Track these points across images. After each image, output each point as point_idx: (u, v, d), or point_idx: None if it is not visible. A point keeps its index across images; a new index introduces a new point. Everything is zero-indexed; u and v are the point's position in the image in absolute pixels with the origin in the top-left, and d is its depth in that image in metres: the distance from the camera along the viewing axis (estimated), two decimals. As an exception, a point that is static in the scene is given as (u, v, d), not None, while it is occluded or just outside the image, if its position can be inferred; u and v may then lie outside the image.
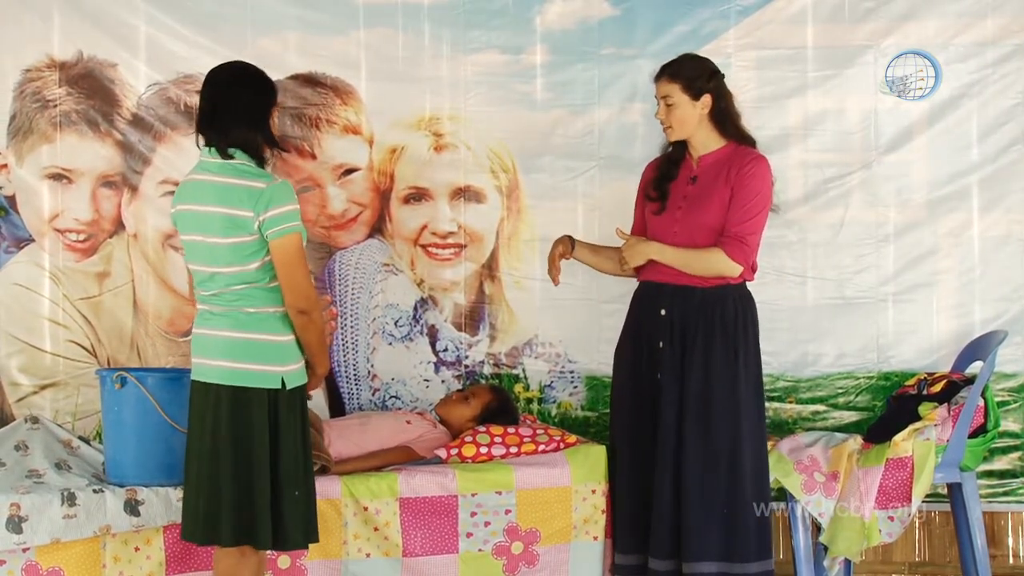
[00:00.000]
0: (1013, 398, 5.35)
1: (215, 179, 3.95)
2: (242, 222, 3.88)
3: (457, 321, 5.51)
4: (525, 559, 4.56)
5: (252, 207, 3.88)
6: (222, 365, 3.93)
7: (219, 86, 4.04)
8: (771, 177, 4.51)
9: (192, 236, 4.00)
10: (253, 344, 3.94)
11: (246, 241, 3.90)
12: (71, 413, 5.37)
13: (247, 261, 3.92)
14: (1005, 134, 5.38)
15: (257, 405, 3.90)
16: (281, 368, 3.95)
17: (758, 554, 4.46)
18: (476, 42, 5.48)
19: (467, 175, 5.48)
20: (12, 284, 5.41)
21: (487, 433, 4.76)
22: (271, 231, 3.89)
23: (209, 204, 3.94)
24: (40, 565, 4.16)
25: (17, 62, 5.42)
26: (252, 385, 3.91)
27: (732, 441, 4.43)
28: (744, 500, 4.44)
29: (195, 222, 3.98)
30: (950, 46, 5.39)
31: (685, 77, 4.49)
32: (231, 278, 3.93)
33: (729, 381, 4.45)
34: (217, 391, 3.92)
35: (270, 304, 3.96)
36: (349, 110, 5.48)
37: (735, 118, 4.57)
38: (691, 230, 4.49)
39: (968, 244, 5.40)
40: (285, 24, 5.47)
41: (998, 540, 5.44)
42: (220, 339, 3.95)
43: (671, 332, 4.49)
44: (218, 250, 3.92)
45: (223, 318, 3.96)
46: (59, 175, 5.43)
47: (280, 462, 3.93)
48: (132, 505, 4.24)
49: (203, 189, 3.96)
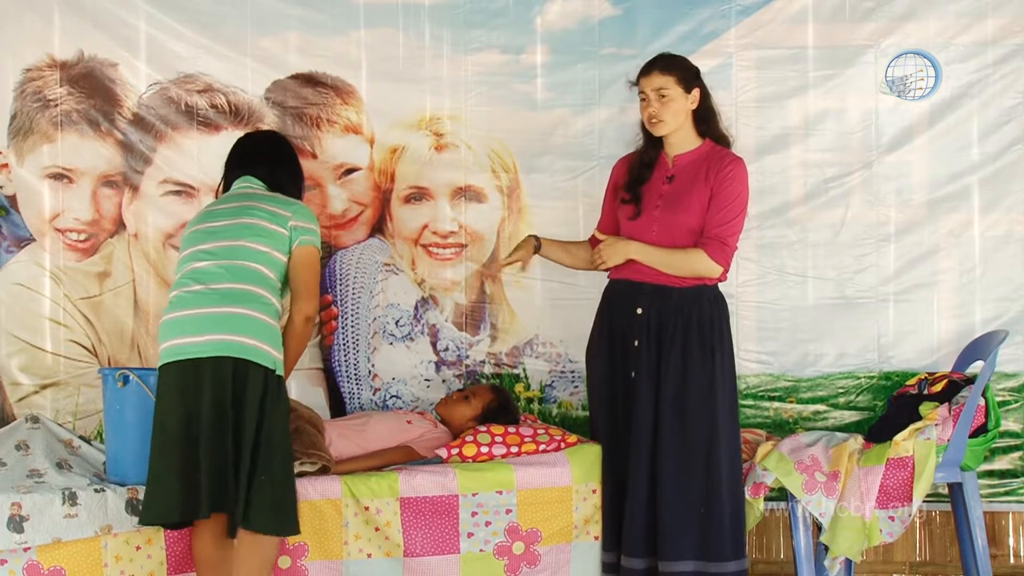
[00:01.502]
0: (1014, 398, 5.35)
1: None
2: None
3: (458, 321, 5.51)
4: (527, 559, 4.56)
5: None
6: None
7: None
8: (748, 179, 4.55)
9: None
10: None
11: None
12: (72, 413, 5.38)
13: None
14: (1005, 134, 5.37)
15: (253, 381, 4.05)
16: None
17: (734, 553, 4.49)
18: (477, 42, 5.48)
19: (468, 175, 5.48)
20: (13, 284, 5.42)
21: (488, 433, 4.76)
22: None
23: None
24: (41, 564, 4.16)
25: (18, 62, 5.42)
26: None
27: (709, 441, 4.46)
28: (720, 499, 4.46)
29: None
30: (950, 46, 5.39)
31: (679, 69, 4.55)
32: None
33: (706, 381, 4.48)
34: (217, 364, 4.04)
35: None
36: (350, 110, 5.48)
37: (715, 117, 4.62)
38: (670, 229, 4.52)
39: (968, 244, 5.40)
40: (285, 24, 5.47)
41: (999, 540, 5.44)
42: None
43: (647, 331, 4.52)
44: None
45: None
46: (60, 175, 5.43)
47: (260, 444, 4.02)
48: (133, 504, 4.24)
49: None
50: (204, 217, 4.36)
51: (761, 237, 5.41)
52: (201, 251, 4.22)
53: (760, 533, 5.51)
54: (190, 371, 4.03)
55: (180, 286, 4.19)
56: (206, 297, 4.13)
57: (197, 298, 4.13)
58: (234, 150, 4.58)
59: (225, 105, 5.44)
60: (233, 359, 4.03)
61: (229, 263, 4.17)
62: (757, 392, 5.43)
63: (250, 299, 4.13)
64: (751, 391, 5.42)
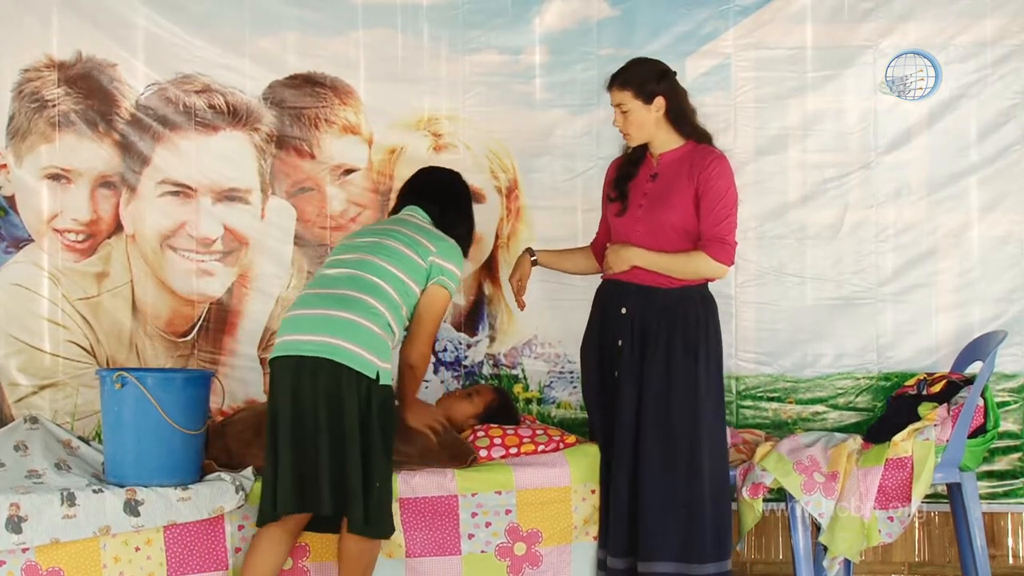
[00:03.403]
0: (1013, 398, 5.35)
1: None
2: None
3: (456, 321, 5.51)
4: (529, 560, 4.56)
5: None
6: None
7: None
8: (732, 173, 4.54)
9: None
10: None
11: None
12: (70, 413, 5.37)
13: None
14: (1005, 134, 5.38)
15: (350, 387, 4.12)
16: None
17: (715, 555, 4.48)
18: (475, 42, 5.48)
19: (466, 175, 5.45)
20: (11, 284, 5.41)
21: (487, 436, 4.75)
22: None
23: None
24: (40, 565, 4.16)
25: (16, 62, 5.42)
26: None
27: (691, 442, 4.46)
28: (702, 500, 4.46)
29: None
30: (950, 46, 5.39)
31: (635, 83, 4.53)
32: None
33: (689, 383, 4.48)
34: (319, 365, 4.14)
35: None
36: (348, 110, 5.48)
37: (691, 116, 4.61)
38: (654, 228, 4.53)
39: (968, 244, 5.40)
40: (284, 24, 5.47)
41: (998, 540, 5.45)
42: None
43: (631, 331, 4.53)
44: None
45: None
46: (58, 175, 5.42)
47: (369, 448, 4.12)
48: (132, 505, 4.23)
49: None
50: (355, 233, 4.62)
51: (760, 237, 5.42)
52: (336, 259, 4.40)
53: (759, 533, 5.51)
54: (294, 368, 4.14)
55: (307, 287, 4.40)
56: (323, 299, 4.24)
57: (316, 300, 4.26)
58: (412, 179, 4.75)
59: (223, 105, 5.44)
60: (332, 362, 4.11)
61: (354, 272, 4.29)
62: (756, 393, 5.43)
63: (361, 307, 4.19)
64: (750, 392, 5.42)
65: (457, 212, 4.63)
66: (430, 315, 4.40)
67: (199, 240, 5.44)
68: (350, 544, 4.21)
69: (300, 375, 4.13)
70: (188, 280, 5.45)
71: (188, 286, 5.45)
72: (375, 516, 4.15)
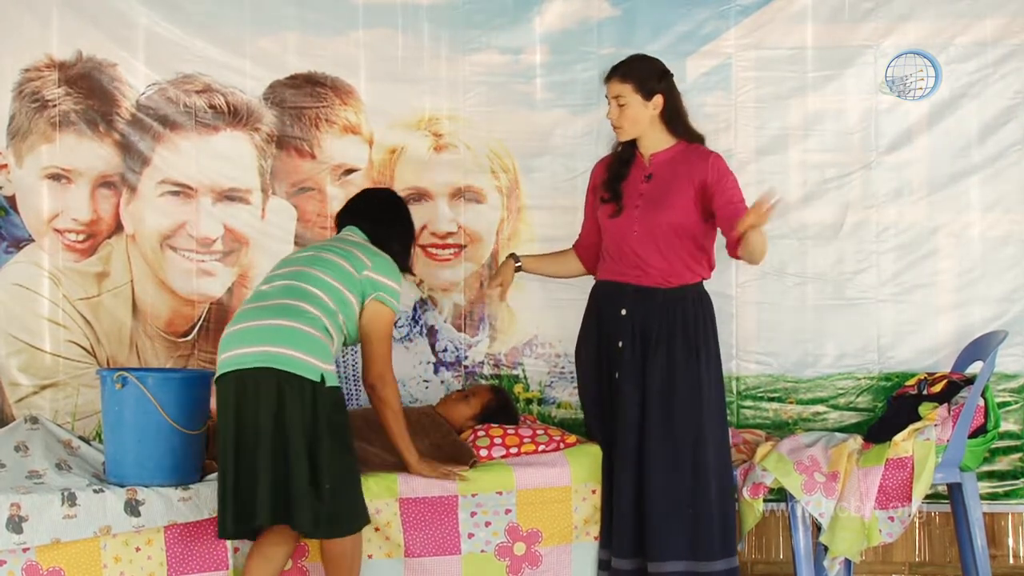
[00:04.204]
0: (1013, 398, 5.35)
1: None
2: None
3: (457, 322, 5.51)
4: (528, 560, 4.56)
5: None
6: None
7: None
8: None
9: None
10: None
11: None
12: (71, 413, 5.37)
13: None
14: (1005, 134, 5.38)
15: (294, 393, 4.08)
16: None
17: (723, 551, 4.50)
18: (475, 42, 5.48)
19: (467, 175, 5.48)
20: (11, 284, 5.41)
21: (487, 436, 4.76)
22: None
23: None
24: (40, 565, 4.15)
25: (16, 62, 5.41)
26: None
27: (695, 440, 4.47)
28: (708, 498, 4.47)
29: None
30: (950, 46, 5.39)
31: (637, 77, 4.54)
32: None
33: (691, 381, 4.49)
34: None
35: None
36: (348, 110, 5.48)
37: (684, 117, 4.62)
38: (651, 228, 4.53)
39: (968, 244, 5.40)
40: (284, 24, 5.47)
41: (998, 540, 5.44)
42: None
43: (632, 332, 4.54)
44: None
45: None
46: (58, 175, 5.42)
47: (317, 454, 4.06)
48: (132, 505, 4.23)
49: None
50: (294, 252, 4.61)
51: (761, 237, 5.41)
52: (273, 275, 4.38)
53: (759, 533, 5.50)
54: (236, 385, 4.10)
55: (243, 304, 4.35)
56: (259, 311, 4.21)
57: (252, 312, 4.23)
58: (349, 201, 4.72)
59: (224, 105, 5.44)
60: (274, 370, 4.07)
61: (288, 283, 4.27)
62: (757, 393, 5.42)
63: (296, 313, 4.17)
64: (750, 392, 5.42)
65: (392, 229, 4.60)
66: (376, 334, 4.35)
67: (199, 240, 5.44)
68: (325, 547, 4.21)
69: (243, 391, 4.08)
70: (188, 280, 5.45)
71: (188, 286, 5.45)
72: (329, 516, 4.08)
